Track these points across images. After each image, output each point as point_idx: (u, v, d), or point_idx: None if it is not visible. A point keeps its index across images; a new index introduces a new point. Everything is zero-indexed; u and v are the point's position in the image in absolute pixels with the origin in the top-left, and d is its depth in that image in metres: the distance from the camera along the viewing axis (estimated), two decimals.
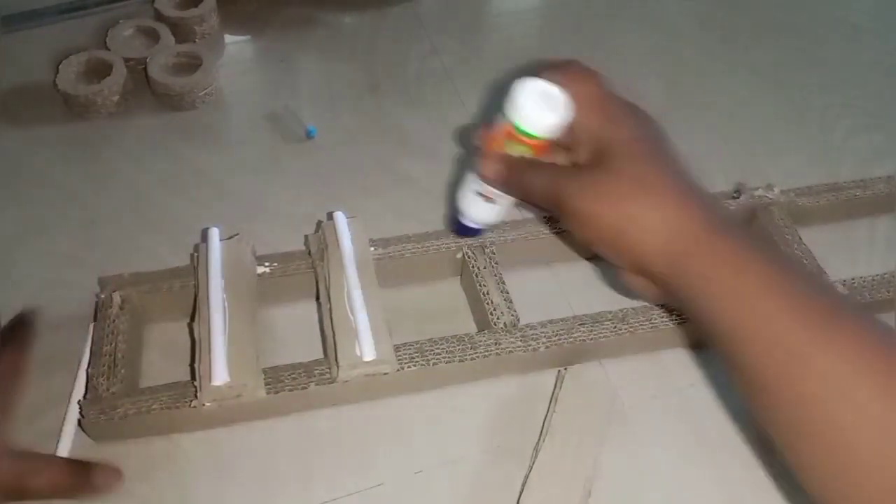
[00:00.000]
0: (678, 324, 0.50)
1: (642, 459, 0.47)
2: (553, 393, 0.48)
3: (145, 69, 0.67)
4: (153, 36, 0.71)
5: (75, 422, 0.46)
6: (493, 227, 0.46)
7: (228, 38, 0.76)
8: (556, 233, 0.55)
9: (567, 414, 0.47)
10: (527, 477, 0.44)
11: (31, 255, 0.56)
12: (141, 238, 0.53)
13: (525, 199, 0.40)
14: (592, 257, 0.57)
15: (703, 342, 0.51)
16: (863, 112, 0.72)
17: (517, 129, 0.38)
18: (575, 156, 0.39)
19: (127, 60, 0.68)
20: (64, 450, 0.45)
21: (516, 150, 0.39)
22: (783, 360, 0.31)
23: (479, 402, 0.49)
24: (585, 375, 0.49)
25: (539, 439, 0.46)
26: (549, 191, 0.37)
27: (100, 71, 0.67)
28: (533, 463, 0.44)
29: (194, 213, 0.58)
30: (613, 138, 0.37)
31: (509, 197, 0.41)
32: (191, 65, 0.68)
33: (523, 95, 0.37)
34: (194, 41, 0.73)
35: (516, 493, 0.44)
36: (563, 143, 0.39)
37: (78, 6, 0.77)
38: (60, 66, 0.66)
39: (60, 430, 0.45)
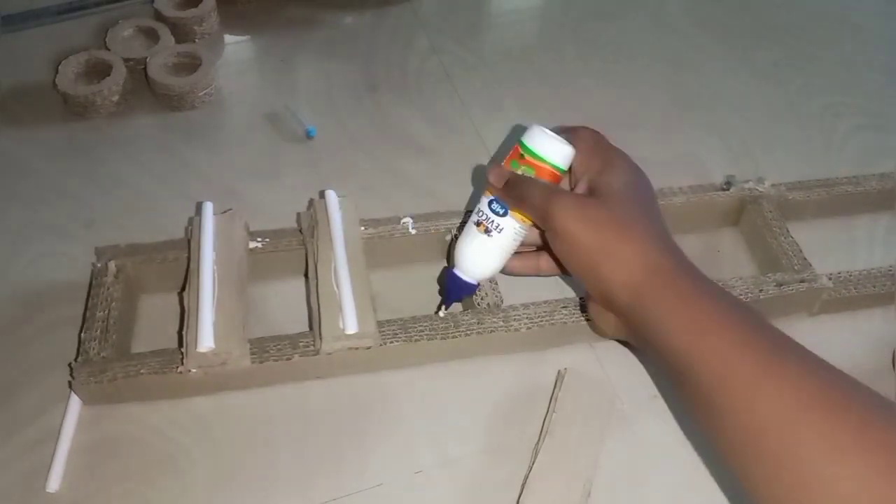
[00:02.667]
0: None
1: (642, 459, 0.47)
2: (553, 393, 0.48)
3: (145, 69, 0.67)
4: (153, 36, 0.71)
5: (74, 423, 0.46)
6: (482, 284, 0.49)
7: (228, 38, 0.76)
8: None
9: (567, 414, 0.47)
10: (527, 477, 0.44)
11: (31, 255, 0.56)
12: (140, 238, 0.53)
13: (520, 205, 0.43)
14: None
15: None
16: (862, 112, 0.72)
17: (526, 149, 0.43)
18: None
19: (126, 60, 0.68)
20: (63, 450, 0.45)
21: (522, 171, 0.44)
22: (733, 390, 0.34)
23: (479, 401, 0.49)
24: (585, 375, 0.49)
25: (539, 439, 0.46)
26: (541, 203, 0.41)
27: (99, 71, 0.67)
28: (533, 463, 0.44)
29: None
30: (606, 180, 0.42)
31: (502, 231, 0.45)
32: (190, 65, 0.68)
33: (536, 129, 0.44)
34: (194, 41, 0.73)
35: (516, 493, 0.44)
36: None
37: (78, 6, 0.77)
38: (60, 66, 0.66)
39: (60, 430, 0.46)
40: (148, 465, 0.45)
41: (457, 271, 0.47)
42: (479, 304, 0.50)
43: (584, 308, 0.50)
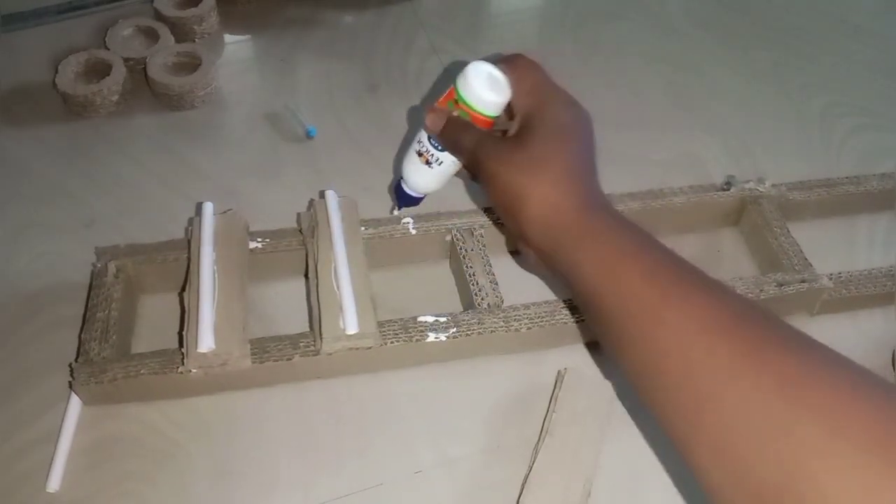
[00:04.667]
0: None
1: (642, 459, 0.47)
2: (553, 393, 0.48)
3: (145, 69, 0.67)
4: (152, 35, 0.71)
5: (74, 423, 0.46)
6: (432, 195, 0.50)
7: (228, 37, 0.76)
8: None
9: (567, 414, 0.47)
10: (527, 477, 0.44)
11: (30, 255, 0.56)
12: (140, 238, 0.53)
13: (453, 151, 0.45)
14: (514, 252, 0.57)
15: None
16: (863, 112, 0.72)
17: (459, 96, 0.43)
18: (510, 133, 0.44)
19: (126, 60, 0.68)
20: (63, 450, 0.45)
21: (457, 113, 0.44)
22: (636, 318, 0.35)
23: (479, 401, 0.49)
24: (585, 375, 0.49)
25: (539, 439, 0.46)
26: (472, 149, 0.43)
27: (99, 70, 0.67)
28: (533, 463, 0.44)
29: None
30: (537, 119, 0.42)
31: (442, 164, 0.46)
32: (190, 64, 0.68)
33: (471, 73, 0.43)
34: (194, 41, 0.73)
35: (516, 493, 0.44)
36: (503, 127, 0.45)
37: (77, 6, 0.77)
38: (60, 66, 0.66)
39: (60, 430, 0.46)
40: (148, 465, 0.45)
41: (405, 186, 0.49)
42: (479, 305, 0.50)
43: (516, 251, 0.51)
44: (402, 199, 0.49)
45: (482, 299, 0.51)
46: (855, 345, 0.53)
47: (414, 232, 0.54)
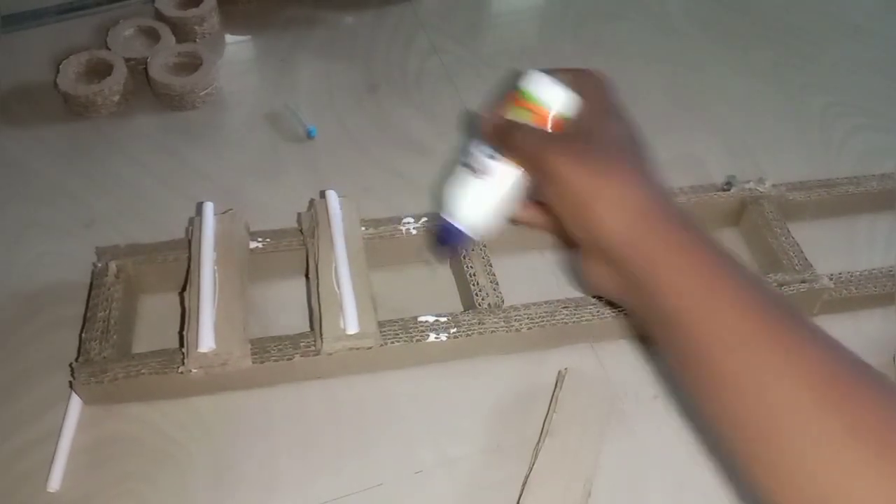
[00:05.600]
0: None
1: (643, 460, 0.47)
2: (553, 393, 0.49)
3: (146, 69, 0.67)
4: (154, 36, 0.71)
5: (75, 423, 0.46)
6: (475, 234, 0.45)
7: (229, 37, 0.76)
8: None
9: (567, 414, 0.47)
10: (527, 477, 0.44)
11: (31, 255, 0.56)
12: (141, 238, 0.53)
13: (511, 154, 0.42)
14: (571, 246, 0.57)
15: None
16: (862, 112, 0.72)
17: (523, 93, 0.41)
18: None
19: (127, 60, 0.68)
20: (64, 449, 0.45)
21: (517, 117, 0.42)
22: (724, 348, 0.33)
23: (479, 401, 0.49)
24: (586, 375, 0.49)
25: (539, 439, 0.46)
26: (534, 149, 0.40)
27: (100, 71, 0.67)
28: (533, 463, 0.44)
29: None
30: (605, 127, 0.40)
31: (496, 176, 0.42)
32: (191, 65, 0.68)
33: (535, 75, 0.42)
34: (195, 41, 0.74)
35: (516, 493, 0.44)
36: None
37: (78, 6, 0.77)
38: (61, 66, 0.66)
39: (60, 429, 0.46)
40: (148, 464, 0.45)
41: (448, 217, 0.44)
42: (479, 305, 0.50)
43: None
44: (445, 235, 0.44)
45: (482, 299, 0.51)
46: (855, 345, 0.53)
47: (414, 232, 0.54)
